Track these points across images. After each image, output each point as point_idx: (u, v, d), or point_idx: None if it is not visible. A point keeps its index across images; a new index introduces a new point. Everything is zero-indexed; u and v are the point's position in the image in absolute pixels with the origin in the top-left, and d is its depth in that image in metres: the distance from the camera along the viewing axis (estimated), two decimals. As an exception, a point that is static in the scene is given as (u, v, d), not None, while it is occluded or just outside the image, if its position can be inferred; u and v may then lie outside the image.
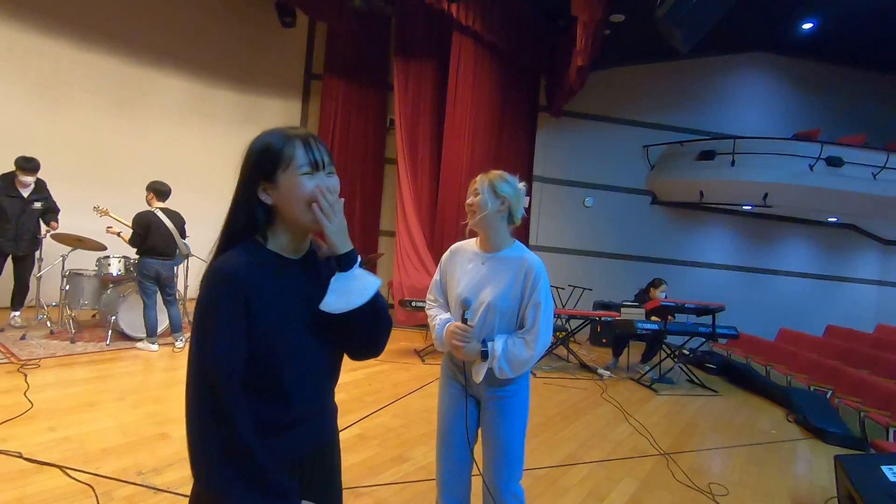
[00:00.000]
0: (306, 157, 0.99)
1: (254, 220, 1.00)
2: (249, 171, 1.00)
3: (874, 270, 9.89)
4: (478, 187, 1.79)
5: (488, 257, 1.83)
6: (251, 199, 1.00)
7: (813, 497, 3.09)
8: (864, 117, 9.35)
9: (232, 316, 0.91)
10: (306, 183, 0.98)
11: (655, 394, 5.09)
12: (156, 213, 4.66)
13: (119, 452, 2.75)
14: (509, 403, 1.82)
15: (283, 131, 1.01)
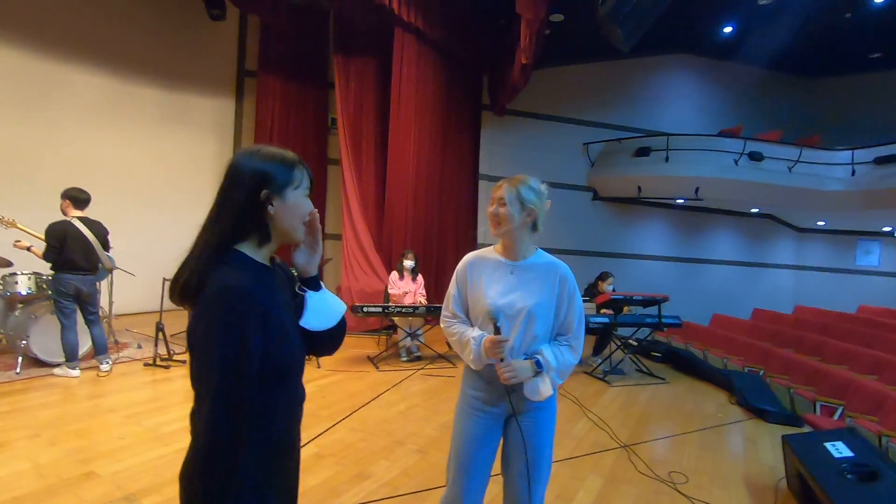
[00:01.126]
0: (308, 181, 1.08)
1: (250, 227, 1.02)
2: (258, 180, 1.01)
3: (790, 256, 10.77)
4: (504, 196, 1.72)
5: (516, 266, 1.77)
6: (255, 205, 1.01)
7: (763, 478, 3.23)
8: (780, 115, 10.15)
9: (253, 336, 0.92)
10: (308, 203, 1.07)
11: (608, 385, 5.20)
12: (72, 222, 4.16)
13: (35, 499, 2.39)
14: (547, 414, 1.77)
15: (283, 153, 1.06)
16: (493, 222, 1.75)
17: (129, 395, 3.95)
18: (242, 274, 0.96)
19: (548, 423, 1.78)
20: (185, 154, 7.56)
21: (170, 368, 4.71)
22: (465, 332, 1.77)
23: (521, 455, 1.74)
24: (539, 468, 1.76)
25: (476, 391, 1.78)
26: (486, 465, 1.79)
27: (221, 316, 0.91)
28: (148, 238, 6.75)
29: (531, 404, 1.74)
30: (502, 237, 1.77)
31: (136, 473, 2.71)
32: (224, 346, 0.90)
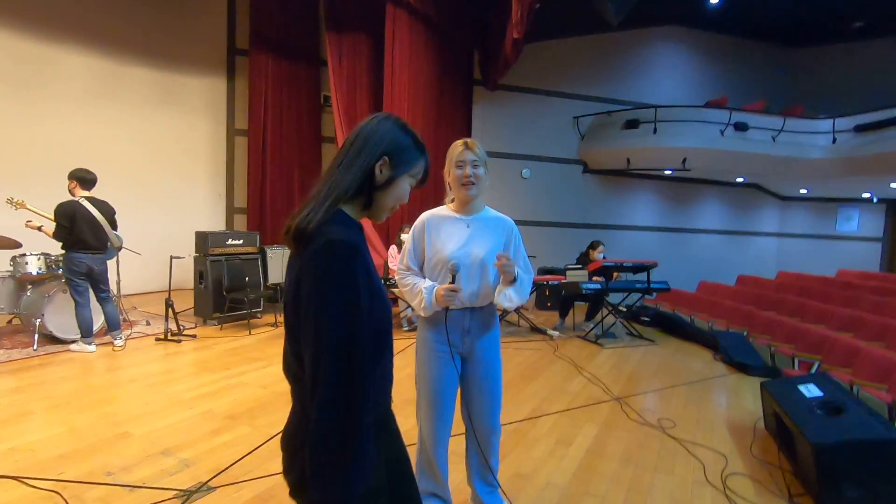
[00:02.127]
0: (423, 175, 1.13)
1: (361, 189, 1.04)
2: (382, 150, 1.04)
3: (774, 224, 11.10)
4: (477, 159, 1.92)
5: (471, 220, 1.99)
6: (369, 171, 1.04)
7: (744, 420, 3.52)
8: (764, 85, 10.33)
9: (364, 287, 0.93)
10: (407, 191, 1.11)
11: (601, 348, 5.48)
12: (81, 202, 4.27)
13: (78, 457, 2.59)
14: (496, 349, 2.07)
15: (420, 140, 1.11)
16: (467, 183, 1.92)
17: (146, 367, 4.13)
18: (350, 231, 0.97)
19: (499, 355, 2.07)
20: (177, 134, 7.58)
21: (181, 342, 4.88)
22: (417, 284, 1.98)
23: (483, 388, 2.02)
24: (497, 396, 2.06)
25: (433, 335, 1.98)
26: (452, 401, 2.03)
27: (331, 272, 0.90)
28: (143, 219, 6.82)
29: (486, 340, 2.02)
30: (473, 195, 1.95)
31: (167, 433, 2.92)
32: (335, 303, 0.89)
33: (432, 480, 2.10)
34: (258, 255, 6.06)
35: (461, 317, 1.97)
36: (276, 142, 7.72)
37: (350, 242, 0.93)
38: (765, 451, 3.01)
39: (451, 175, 1.96)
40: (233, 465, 2.56)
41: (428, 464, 2.08)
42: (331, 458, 0.87)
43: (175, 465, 2.54)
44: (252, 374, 4.05)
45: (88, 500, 2.21)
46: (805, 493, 2.52)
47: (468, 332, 1.99)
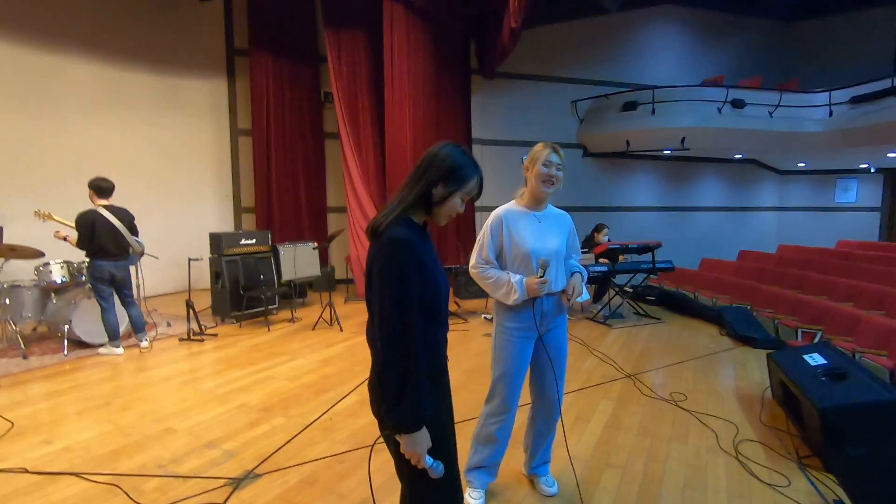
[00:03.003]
0: (473, 191, 1.41)
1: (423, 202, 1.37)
2: (439, 174, 1.35)
3: (773, 198, 11.23)
4: (561, 164, 2.12)
5: (542, 216, 2.21)
6: (429, 189, 1.36)
7: (751, 390, 3.70)
8: (760, 61, 10.38)
9: (413, 271, 1.25)
10: (460, 206, 1.40)
11: (610, 328, 5.65)
12: (99, 211, 4.39)
13: (129, 452, 2.75)
14: (566, 329, 2.31)
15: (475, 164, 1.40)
16: (548, 183, 2.13)
17: (174, 367, 4.30)
18: (407, 231, 1.28)
19: (565, 336, 2.29)
20: (182, 137, 7.67)
21: (204, 342, 5.04)
22: (502, 276, 2.14)
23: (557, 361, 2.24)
24: (565, 367, 2.30)
25: (514, 323, 2.17)
26: (523, 380, 2.26)
27: (390, 260, 1.24)
28: (155, 222, 6.92)
29: (557, 324, 2.24)
30: (548, 194, 2.17)
31: (208, 427, 3.08)
32: (391, 284, 1.23)
33: (490, 455, 2.26)
34: (271, 253, 6.20)
35: (540, 303, 2.14)
36: (279, 140, 7.81)
37: (405, 240, 1.26)
38: (773, 419, 3.18)
39: (534, 172, 2.13)
40: (275, 453, 2.72)
41: (491, 442, 2.25)
42: (392, 389, 1.23)
43: (220, 456, 2.70)
44: (278, 368, 4.22)
45: (146, 491, 2.37)
46: (812, 455, 2.69)
47: (545, 315, 2.17)
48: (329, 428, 3.05)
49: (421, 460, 1.27)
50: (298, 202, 8.08)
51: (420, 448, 1.27)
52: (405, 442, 1.26)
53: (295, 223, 8.02)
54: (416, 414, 1.24)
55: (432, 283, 1.33)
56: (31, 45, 6.18)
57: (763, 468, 2.59)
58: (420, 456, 1.27)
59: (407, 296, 1.24)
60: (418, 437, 1.26)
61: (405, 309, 1.23)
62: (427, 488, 1.35)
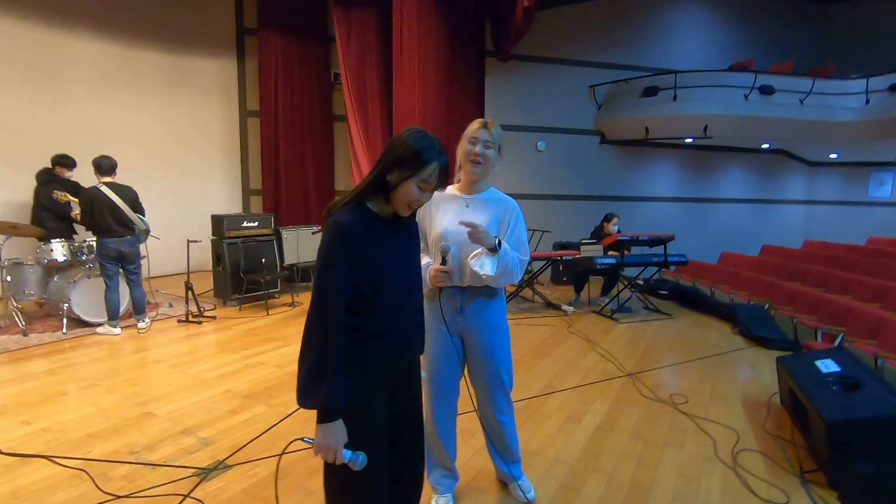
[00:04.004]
0: (430, 177, 1.32)
1: (380, 188, 1.33)
2: (394, 159, 1.31)
3: (801, 191, 10.71)
4: (490, 139, 1.89)
5: (471, 199, 1.97)
6: (383, 174, 1.32)
7: (759, 395, 3.48)
8: (792, 44, 9.81)
9: (345, 258, 1.24)
10: (417, 193, 1.32)
11: (616, 323, 5.45)
12: (99, 188, 4.44)
13: (105, 436, 2.72)
14: (497, 328, 2.03)
15: (430, 147, 1.31)
16: (474, 162, 1.89)
17: (169, 349, 4.28)
18: (351, 217, 1.27)
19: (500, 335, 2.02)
20: (191, 116, 7.64)
21: (202, 324, 5.03)
22: None
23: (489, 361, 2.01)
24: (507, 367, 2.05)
25: (430, 314, 1.89)
26: (452, 381, 2.03)
27: (326, 244, 1.25)
28: (162, 202, 6.93)
29: (480, 323, 1.97)
30: (480, 175, 1.93)
31: (188, 412, 3.04)
32: (322, 268, 1.24)
33: (439, 459, 2.14)
34: (273, 237, 6.14)
35: (453, 295, 1.95)
36: (288, 122, 7.71)
37: (344, 225, 1.25)
38: (779, 427, 2.98)
39: (461, 150, 1.94)
40: (249, 444, 2.65)
41: (435, 444, 2.11)
42: (304, 373, 1.23)
43: (195, 444, 2.65)
44: (269, 353, 4.16)
45: (114, 478, 2.33)
46: (817, 470, 2.49)
47: (460, 312, 1.96)
48: (309, 419, 2.93)
49: (334, 455, 1.24)
50: (306, 185, 8.00)
51: (331, 441, 1.22)
52: (317, 434, 1.24)
53: (302, 206, 7.95)
54: (326, 402, 1.21)
55: (374, 274, 1.30)
56: (40, 20, 6.17)
57: (761, 481, 2.41)
58: (332, 449, 1.23)
59: (333, 283, 1.23)
60: (330, 428, 1.22)
61: (329, 296, 1.22)
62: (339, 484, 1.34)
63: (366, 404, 1.33)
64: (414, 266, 1.48)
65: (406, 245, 1.45)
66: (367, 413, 1.34)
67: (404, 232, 1.45)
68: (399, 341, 1.41)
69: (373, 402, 1.35)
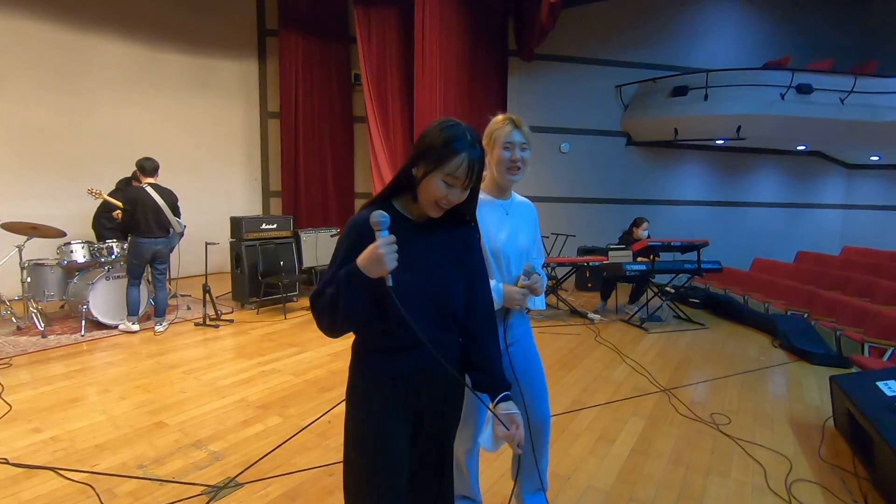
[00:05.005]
0: (458, 170, 1.15)
1: (403, 185, 1.23)
2: (419, 152, 1.18)
3: (839, 195, 10.21)
4: (526, 141, 1.71)
5: (508, 205, 1.81)
6: (408, 169, 1.20)
7: (809, 417, 3.21)
8: (832, 41, 9.36)
9: (350, 252, 1.15)
10: (443, 189, 1.17)
11: (646, 332, 5.19)
12: (144, 188, 4.51)
13: (114, 447, 2.62)
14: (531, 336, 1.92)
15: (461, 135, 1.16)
16: (513, 168, 1.70)
17: (185, 353, 4.20)
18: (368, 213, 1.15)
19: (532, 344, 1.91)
20: (212, 118, 7.63)
21: (219, 328, 4.95)
22: None
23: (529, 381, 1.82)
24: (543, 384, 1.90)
25: None
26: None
27: (340, 237, 1.22)
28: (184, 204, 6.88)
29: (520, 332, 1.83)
30: (513, 181, 1.75)
31: (200, 422, 2.92)
32: (332, 259, 1.21)
33: (460, 482, 1.96)
34: (292, 240, 6.05)
35: (503, 311, 1.76)
36: (308, 124, 7.65)
37: (355, 220, 1.20)
38: (836, 455, 2.71)
39: (494, 156, 1.71)
40: (262, 459, 2.51)
41: (456, 465, 1.93)
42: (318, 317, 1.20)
43: (205, 458, 2.52)
44: (285, 360, 4.04)
45: (119, 495, 2.21)
46: (885, 506, 2.24)
47: (509, 328, 1.77)
48: (325, 432, 2.82)
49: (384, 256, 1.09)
50: (325, 187, 7.92)
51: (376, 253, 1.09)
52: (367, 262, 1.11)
53: (322, 208, 7.87)
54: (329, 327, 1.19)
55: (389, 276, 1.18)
56: (65, 23, 6.22)
57: (822, 518, 2.17)
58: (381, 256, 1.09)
59: (333, 265, 1.20)
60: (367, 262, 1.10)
61: (330, 274, 1.17)
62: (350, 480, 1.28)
63: (380, 427, 1.20)
64: (451, 278, 1.28)
65: (438, 253, 1.27)
66: (382, 437, 1.21)
67: (438, 239, 1.28)
68: (424, 358, 1.22)
69: (389, 424, 1.22)
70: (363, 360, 1.26)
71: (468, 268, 1.33)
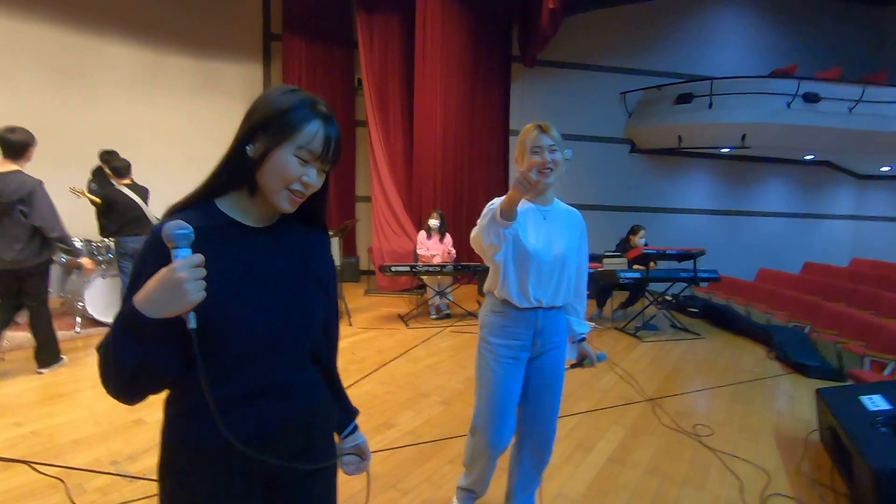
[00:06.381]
0: (313, 141, 0.88)
1: (236, 171, 0.91)
2: (253, 123, 0.89)
3: (849, 206, 10.02)
4: (555, 143, 1.71)
5: (547, 211, 1.81)
6: (240, 150, 0.90)
7: (796, 430, 3.14)
8: (841, 50, 9.23)
9: (138, 280, 0.81)
10: (297, 166, 0.88)
11: (640, 341, 5.12)
12: (121, 190, 4.54)
13: (91, 443, 2.64)
14: (564, 352, 1.91)
15: (301, 99, 0.90)
16: (545, 171, 1.70)
17: (175, 352, 4.23)
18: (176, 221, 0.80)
19: (562, 359, 1.90)
20: (217, 121, 7.72)
21: (213, 327, 4.99)
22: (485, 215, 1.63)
23: (546, 394, 1.87)
24: (557, 402, 1.92)
25: (502, 338, 1.80)
26: (515, 407, 1.88)
27: (138, 253, 0.88)
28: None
29: (553, 344, 1.84)
30: (549, 185, 1.76)
31: (179, 420, 2.93)
32: (128, 280, 0.86)
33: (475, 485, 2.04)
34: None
35: (534, 317, 1.78)
36: (311, 127, 7.73)
37: (154, 230, 0.85)
38: (817, 469, 2.65)
39: (526, 163, 1.73)
40: (233, 459, 2.52)
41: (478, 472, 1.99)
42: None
43: (178, 456, 2.53)
44: (273, 361, 4.06)
45: (89, 490, 2.23)
46: (862, 523, 2.17)
47: (540, 333, 1.79)
48: (301, 433, 2.83)
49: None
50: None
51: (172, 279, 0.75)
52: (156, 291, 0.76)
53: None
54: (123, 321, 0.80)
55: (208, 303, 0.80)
56: (73, 25, 6.36)
57: (795, 534, 2.12)
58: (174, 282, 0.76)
59: (129, 292, 0.82)
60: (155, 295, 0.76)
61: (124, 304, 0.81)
62: None
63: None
64: (308, 298, 0.97)
65: (287, 266, 0.94)
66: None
67: (286, 248, 0.96)
68: (265, 413, 0.90)
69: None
70: (179, 423, 0.93)
71: (324, 282, 1.02)
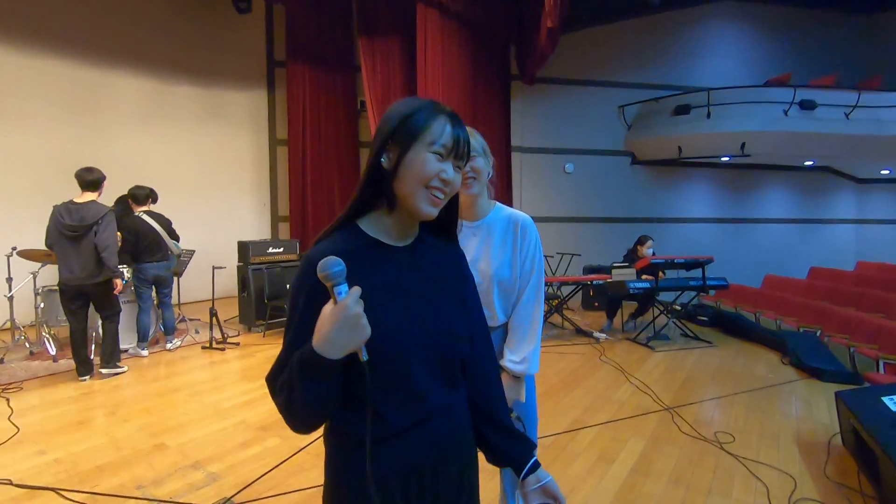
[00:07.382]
0: (443, 136, 0.87)
1: (373, 191, 0.90)
2: (382, 139, 0.88)
3: (850, 210, 10.07)
4: (473, 149, 1.46)
5: (478, 226, 1.60)
6: (376, 165, 0.89)
7: (817, 435, 3.13)
8: (835, 57, 9.39)
9: (307, 312, 0.83)
10: (434, 162, 0.86)
11: (652, 351, 5.12)
12: (141, 216, 4.69)
13: (115, 468, 2.65)
14: None
15: (434, 108, 0.90)
16: (465, 182, 1.46)
17: (191, 376, 4.25)
18: (331, 248, 0.84)
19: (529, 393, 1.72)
20: (223, 147, 7.86)
21: (225, 351, 5.01)
22: None
23: None
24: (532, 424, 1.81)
25: None
26: None
27: (293, 282, 0.89)
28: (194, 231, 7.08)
29: None
30: (472, 195, 1.53)
31: (200, 444, 2.94)
32: (288, 319, 0.88)
33: None
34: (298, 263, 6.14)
35: None
36: (315, 150, 7.83)
37: (309, 257, 0.86)
38: (842, 473, 2.64)
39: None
40: (257, 481, 2.52)
41: None
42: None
43: (202, 479, 2.54)
44: (288, 382, 4.07)
45: (117, 515, 2.23)
46: (892, 526, 2.17)
47: None
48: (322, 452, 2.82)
49: None
50: (333, 210, 8.05)
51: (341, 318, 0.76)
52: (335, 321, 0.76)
53: (329, 232, 7.98)
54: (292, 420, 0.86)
55: None
56: (82, 59, 6.51)
57: (826, 539, 2.11)
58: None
59: (292, 323, 0.86)
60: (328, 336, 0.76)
61: (289, 339, 0.86)
62: None
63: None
64: (453, 315, 0.96)
65: (432, 284, 0.94)
66: None
67: (428, 264, 0.95)
68: (429, 439, 0.90)
69: None
70: (348, 454, 0.90)
71: (467, 299, 1.02)
